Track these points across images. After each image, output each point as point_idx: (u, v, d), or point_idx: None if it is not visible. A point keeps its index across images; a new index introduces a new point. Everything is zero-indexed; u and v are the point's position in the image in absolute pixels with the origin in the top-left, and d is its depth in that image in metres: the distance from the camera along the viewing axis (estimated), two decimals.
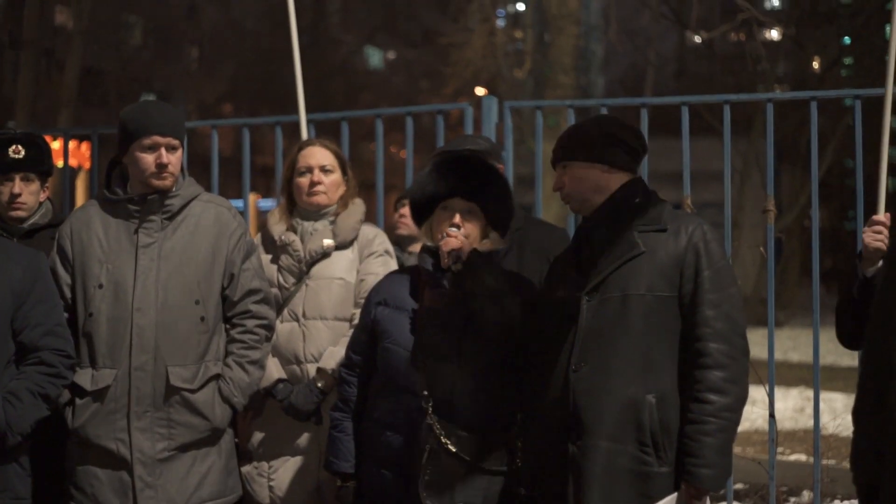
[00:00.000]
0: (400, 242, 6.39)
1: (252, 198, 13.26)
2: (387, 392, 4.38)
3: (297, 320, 5.05)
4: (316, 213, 5.15)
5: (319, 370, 4.96)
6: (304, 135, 6.02)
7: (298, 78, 5.95)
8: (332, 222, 5.15)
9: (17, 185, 5.02)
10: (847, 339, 4.40)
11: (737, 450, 4.17)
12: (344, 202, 5.19)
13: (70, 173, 7.05)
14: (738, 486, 7.63)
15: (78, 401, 4.64)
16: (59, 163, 7.15)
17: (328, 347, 4.98)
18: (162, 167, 4.67)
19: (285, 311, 5.07)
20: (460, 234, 4.30)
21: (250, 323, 4.78)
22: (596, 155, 4.18)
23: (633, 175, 4.26)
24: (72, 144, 8.18)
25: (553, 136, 4.83)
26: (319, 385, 4.95)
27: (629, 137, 4.23)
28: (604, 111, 6.00)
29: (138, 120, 4.71)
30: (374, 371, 4.46)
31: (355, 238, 5.15)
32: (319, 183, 5.12)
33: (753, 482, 7.69)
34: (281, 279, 5.09)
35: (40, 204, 5.13)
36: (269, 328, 4.85)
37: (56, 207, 5.31)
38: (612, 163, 4.19)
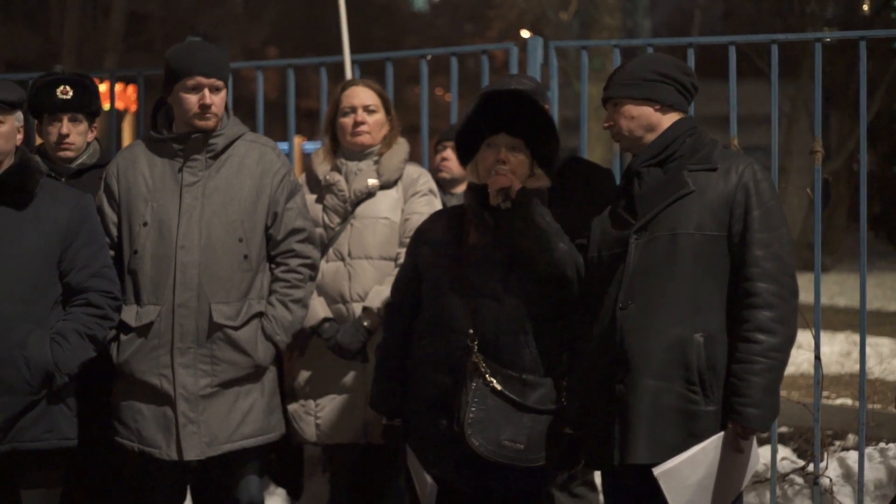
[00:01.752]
0: (443, 185, 6.38)
1: (297, 140, 13.23)
2: (432, 331, 4.37)
3: (343, 260, 5.06)
4: (360, 153, 5.15)
5: (365, 309, 4.98)
6: (349, 75, 6.00)
7: (343, 16, 5.94)
8: (377, 162, 5.14)
9: (66, 126, 5.03)
10: None
11: (782, 393, 4.13)
12: (388, 142, 5.18)
13: (116, 116, 7.06)
14: (783, 429, 7.61)
15: (122, 336, 4.68)
16: (106, 105, 7.17)
17: (373, 287, 4.99)
18: (205, 108, 4.68)
19: (330, 251, 5.08)
20: (506, 171, 4.28)
21: (294, 262, 4.79)
22: (647, 93, 4.16)
23: (684, 114, 4.23)
24: (118, 87, 8.19)
25: (598, 78, 4.79)
26: (365, 324, 4.96)
27: (681, 76, 4.20)
28: (650, 52, 5.93)
29: (182, 60, 4.72)
30: (420, 310, 4.47)
31: (399, 178, 5.15)
32: (363, 123, 5.12)
33: (798, 425, 7.66)
34: (326, 219, 5.10)
35: (88, 144, 5.14)
36: (313, 267, 4.87)
37: (103, 149, 5.33)
38: (663, 101, 4.16)
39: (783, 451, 6.66)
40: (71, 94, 5.02)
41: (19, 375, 4.39)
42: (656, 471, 3.99)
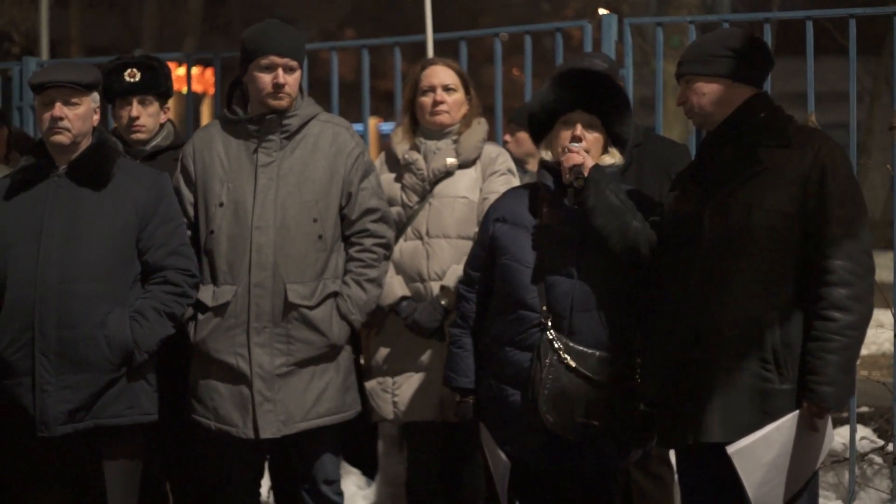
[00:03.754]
0: (520, 162, 6.37)
1: (372, 121, 13.24)
2: (506, 308, 4.38)
3: (421, 238, 5.05)
4: (439, 133, 5.13)
5: (443, 288, 4.98)
6: (431, 53, 6.01)
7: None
8: (455, 141, 5.12)
9: (135, 108, 5.08)
10: None
11: (863, 373, 4.08)
12: (467, 121, 5.16)
13: (194, 99, 7.12)
14: (863, 408, 7.51)
15: (200, 316, 4.74)
16: (183, 89, 7.23)
17: (451, 265, 4.98)
18: (278, 87, 4.71)
19: (409, 230, 5.08)
20: (582, 148, 4.27)
21: (368, 242, 4.82)
22: (719, 69, 4.11)
23: (759, 90, 4.18)
24: (195, 70, 8.26)
25: (675, 56, 4.73)
26: (443, 303, 4.96)
27: (755, 51, 4.16)
28: (725, 27, 5.86)
29: (257, 40, 4.75)
30: (493, 287, 4.47)
31: (478, 157, 5.13)
32: (442, 102, 5.09)
33: (879, 405, 7.56)
34: (404, 198, 5.09)
35: (161, 126, 5.18)
36: (387, 247, 4.89)
37: (180, 132, 5.37)
38: (736, 77, 4.12)
39: (863, 431, 6.59)
40: (138, 76, 5.07)
41: (100, 354, 4.47)
42: (730, 449, 3.97)
